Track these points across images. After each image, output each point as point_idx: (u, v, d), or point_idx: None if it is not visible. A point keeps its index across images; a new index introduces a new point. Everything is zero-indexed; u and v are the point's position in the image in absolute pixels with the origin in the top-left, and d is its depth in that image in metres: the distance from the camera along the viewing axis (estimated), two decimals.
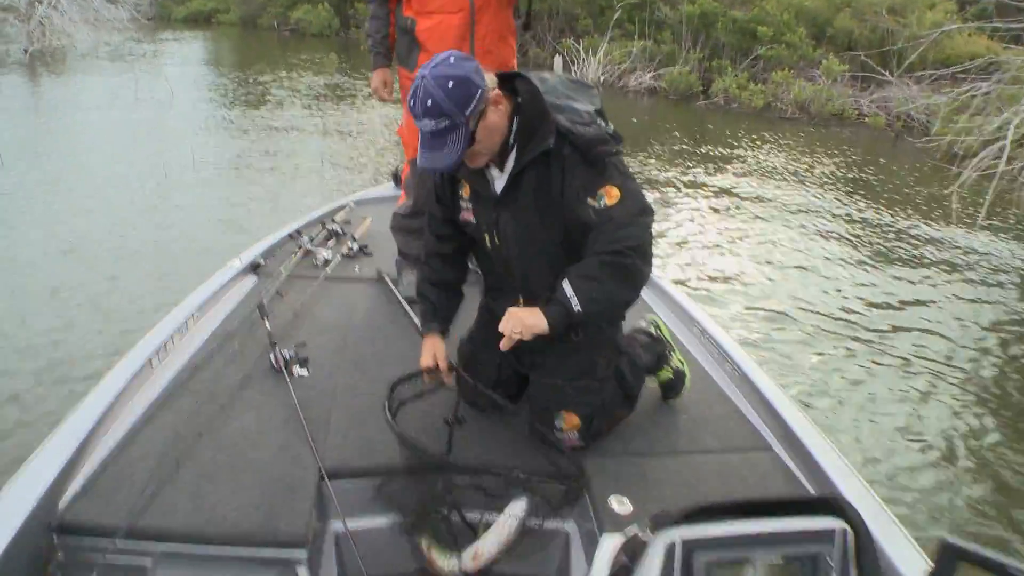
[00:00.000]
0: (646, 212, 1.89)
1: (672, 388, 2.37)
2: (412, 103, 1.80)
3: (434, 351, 2.17)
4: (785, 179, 9.60)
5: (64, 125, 10.57)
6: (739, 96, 14.59)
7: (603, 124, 1.96)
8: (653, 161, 9.85)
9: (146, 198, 7.29)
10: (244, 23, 29.05)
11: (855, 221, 7.97)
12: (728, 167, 10.00)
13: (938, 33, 8.85)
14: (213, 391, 2.29)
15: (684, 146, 11.05)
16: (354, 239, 3.66)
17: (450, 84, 1.76)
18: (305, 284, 3.12)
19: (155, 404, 2.23)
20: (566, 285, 1.86)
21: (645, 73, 15.99)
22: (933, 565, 1.01)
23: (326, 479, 1.94)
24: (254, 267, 3.30)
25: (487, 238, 2.08)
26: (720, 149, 11.03)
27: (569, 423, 2.06)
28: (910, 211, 8.47)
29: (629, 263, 1.83)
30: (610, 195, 1.86)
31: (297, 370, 2.47)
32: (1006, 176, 7.15)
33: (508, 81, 1.94)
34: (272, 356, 2.48)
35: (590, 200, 1.86)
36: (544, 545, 1.95)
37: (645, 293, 3.01)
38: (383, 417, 2.05)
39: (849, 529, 1.24)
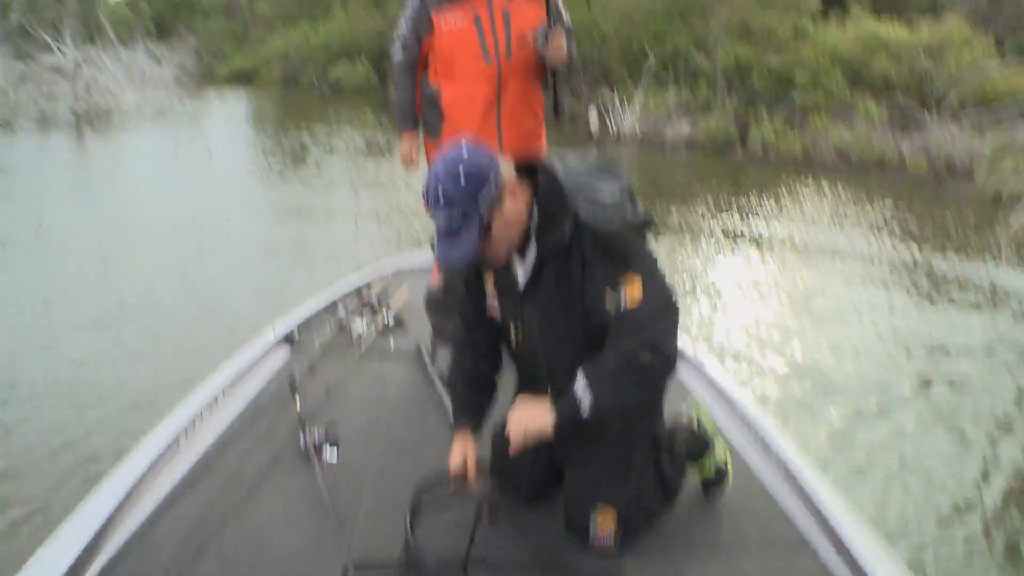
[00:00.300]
0: (670, 309, 1.82)
1: (713, 484, 2.26)
2: (426, 195, 1.78)
3: (464, 453, 2.06)
4: (829, 228, 9.46)
5: (105, 186, 10.89)
6: (776, 144, 14.45)
7: (631, 207, 1.91)
8: (695, 215, 9.76)
9: (182, 263, 7.36)
10: (285, 80, 29.75)
11: (904, 268, 7.78)
12: (770, 218, 9.88)
13: (979, 76, 8.67)
14: (239, 473, 2.25)
15: (726, 198, 10.92)
16: (390, 311, 3.63)
17: (462, 176, 1.73)
18: (339, 359, 3.09)
19: (180, 486, 2.19)
20: (579, 381, 1.80)
21: (682, 123, 15.94)
22: None
23: (351, 573, 1.86)
24: (288, 339, 3.28)
25: (512, 331, 2.03)
26: (762, 200, 10.89)
27: (604, 523, 1.97)
28: (961, 256, 8.25)
29: (648, 364, 1.75)
30: (632, 288, 1.79)
31: (327, 452, 2.41)
32: None
33: (528, 167, 1.90)
34: (302, 437, 2.43)
35: (610, 295, 1.81)
36: None
37: (682, 371, 2.91)
38: (411, 514, 2.01)
39: None
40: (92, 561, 1.83)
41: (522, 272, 1.94)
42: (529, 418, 1.86)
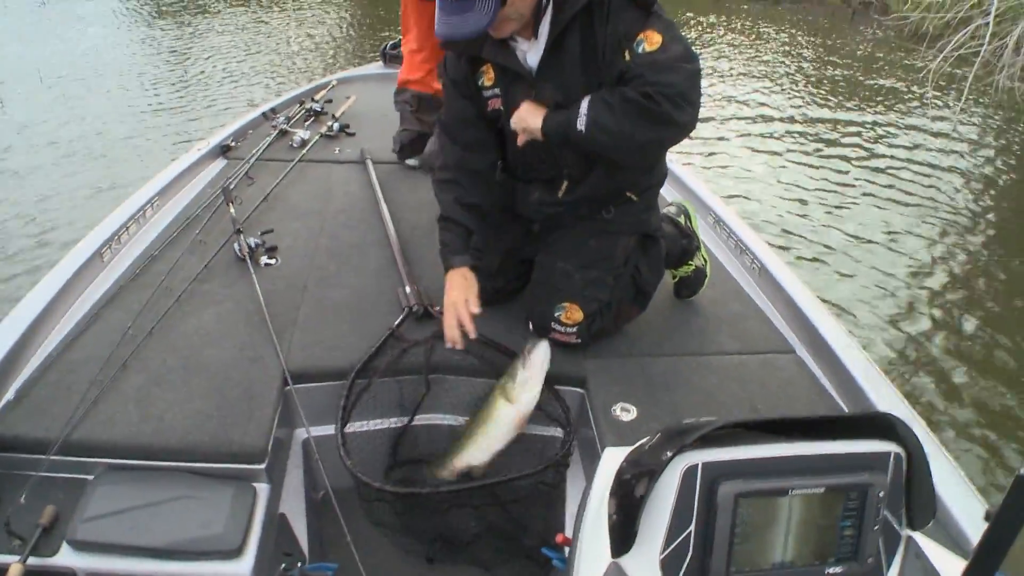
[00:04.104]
0: (689, 59, 1.57)
1: (689, 286, 2.12)
2: None
3: (465, 291, 1.73)
4: (733, 67, 8.98)
5: None
6: None
7: None
8: None
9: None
10: None
11: (822, 120, 7.25)
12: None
13: None
14: (168, 285, 2.03)
15: None
16: (335, 118, 3.34)
17: None
18: (279, 167, 2.83)
19: (103, 301, 2.00)
20: (584, 102, 1.59)
21: None
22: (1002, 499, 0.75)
23: (290, 383, 1.71)
24: (223, 150, 3.04)
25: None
26: None
27: (570, 316, 1.80)
28: (880, 98, 7.88)
29: (656, 109, 1.52)
30: (650, 40, 1.55)
31: (265, 260, 2.22)
32: (986, 58, 6.56)
33: None
34: (236, 245, 2.22)
35: (629, 50, 1.57)
36: (535, 452, 1.74)
37: None
38: (356, 316, 1.88)
39: (903, 453, 1.00)
40: (7, 384, 1.68)
41: (533, 51, 1.67)
42: (527, 114, 1.66)
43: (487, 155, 1.85)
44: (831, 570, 0.97)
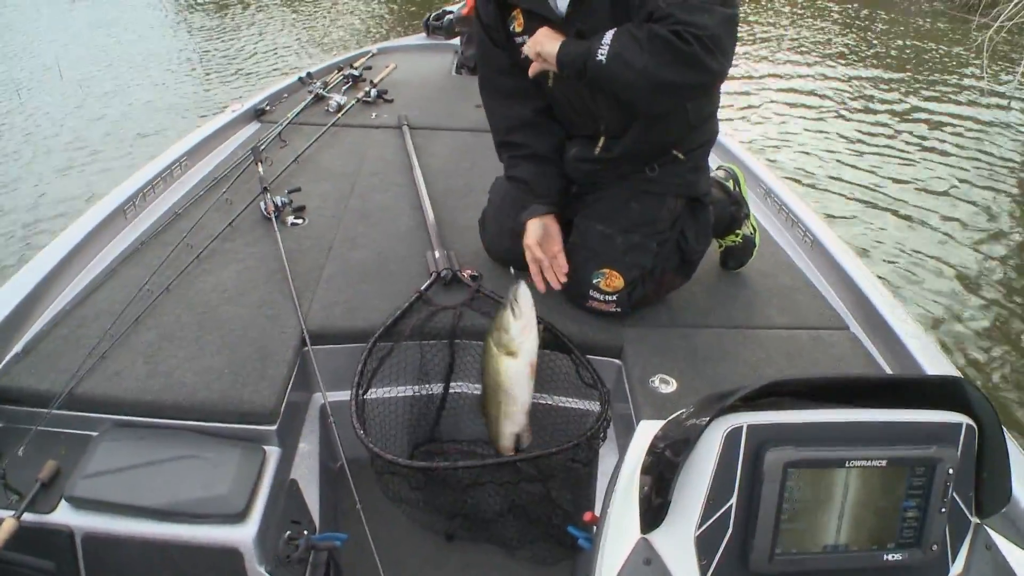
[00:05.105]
0: (726, 2, 1.43)
1: (736, 256, 1.98)
2: None
3: (543, 230, 1.71)
4: (785, 33, 8.85)
5: None
6: None
7: None
8: None
9: None
10: None
11: (874, 85, 7.07)
12: None
13: None
14: (190, 243, 1.96)
15: None
16: (373, 85, 3.25)
17: None
18: (313, 131, 2.75)
19: (121, 257, 1.93)
20: (609, 33, 1.46)
21: None
22: None
23: (308, 343, 1.62)
24: (257, 113, 2.97)
25: (550, 73, 1.63)
26: None
27: (609, 283, 1.68)
28: (932, 66, 7.64)
29: (686, 49, 1.38)
30: None
31: (291, 220, 2.14)
32: None
33: None
34: (263, 204, 2.14)
35: None
36: (568, 428, 1.64)
37: None
38: (382, 279, 1.79)
39: (975, 427, 0.87)
40: (17, 336, 1.63)
41: None
42: (544, 38, 1.55)
43: (531, 101, 1.74)
44: (890, 557, 0.85)
